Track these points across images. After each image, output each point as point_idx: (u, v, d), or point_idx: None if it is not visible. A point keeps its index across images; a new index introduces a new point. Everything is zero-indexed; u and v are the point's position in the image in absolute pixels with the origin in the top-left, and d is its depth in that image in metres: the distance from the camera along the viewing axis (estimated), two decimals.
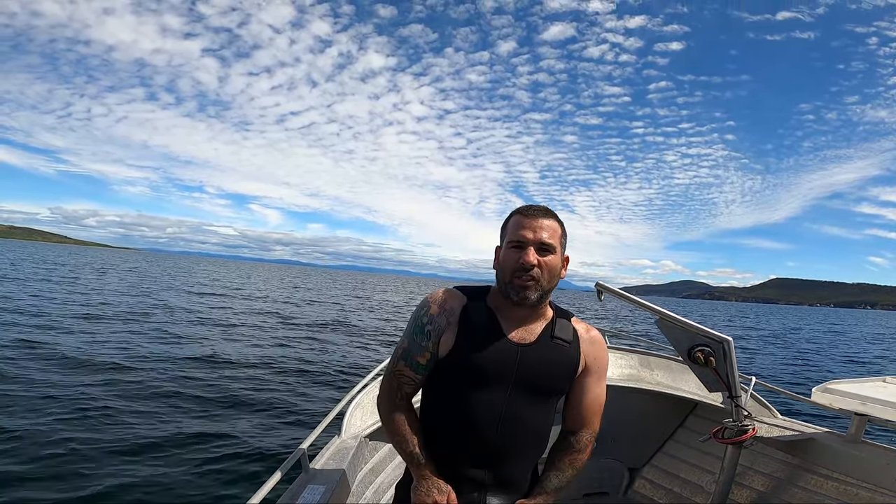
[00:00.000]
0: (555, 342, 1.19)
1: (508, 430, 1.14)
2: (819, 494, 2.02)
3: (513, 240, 1.15)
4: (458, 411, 1.15)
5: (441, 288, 1.24)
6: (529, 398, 1.16)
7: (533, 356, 1.15)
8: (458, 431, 1.16)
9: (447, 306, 1.18)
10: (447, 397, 1.17)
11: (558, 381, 1.21)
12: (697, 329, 1.68)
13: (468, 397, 1.14)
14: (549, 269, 1.14)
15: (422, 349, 1.17)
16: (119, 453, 4.21)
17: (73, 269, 35.61)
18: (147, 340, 9.66)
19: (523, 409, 1.16)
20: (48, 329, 9.83)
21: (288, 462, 1.52)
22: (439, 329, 1.17)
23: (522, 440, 1.17)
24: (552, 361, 1.18)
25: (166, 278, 35.20)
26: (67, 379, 6.32)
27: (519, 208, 1.21)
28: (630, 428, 2.80)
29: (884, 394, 2.05)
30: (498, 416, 1.14)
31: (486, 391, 1.14)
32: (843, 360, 15.19)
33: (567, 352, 1.20)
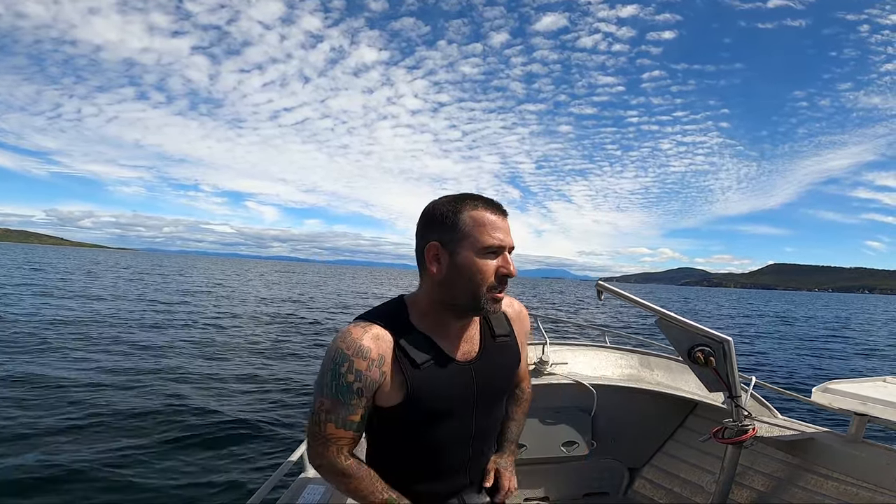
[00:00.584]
0: (498, 341, 1.11)
1: (480, 443, 1.14)
2: (819, 494, 2.02)
3: (489, 245, 0.96)
4: (429, 450, 1.07)
5: (355, 330, 0.99)
6: (492, 406, 1.12)
7: (485, 369, 1.07)
8: (431, 468, 1.10)
9: (374, 356, 0.97)
10: (411, 436, 1.06)
11: (512, 376, 1.18)
12: (697, 329, 1.68)
13: (435, 436, 1.05)
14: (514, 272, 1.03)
15: (352, 408, 0.98)
16: (118, 454, 4.20)
17: (61, 272, 35.59)
18: (144, 339, 9.66)
19: (489, 419, 1.13)
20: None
21: (288, 462, 1.52)
22: (372, 385, 0.98)
23: (492, 441, 1.20)
24: (503, 365, 1.12)
25: (157, 278, 35.20)
26: (76, 376, 6.32)
27: (471, 201, 0.98)
28: (630, 428, 2.80)
29: (884, 394, 2.05)
30: (468, 439, 1.10)
31: (453, 422, 1.06)
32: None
33: (510, 347, 1.14)
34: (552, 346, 2.69)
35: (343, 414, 0.99)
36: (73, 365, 7.16)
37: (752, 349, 15.62)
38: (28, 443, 4.24)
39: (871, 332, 24.65)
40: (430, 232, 1.00)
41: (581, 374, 2.67)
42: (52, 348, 8.14)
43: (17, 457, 3.93)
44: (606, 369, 2.76)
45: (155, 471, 3.94)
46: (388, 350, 0.98)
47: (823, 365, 13.38)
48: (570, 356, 2.73)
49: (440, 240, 0.98)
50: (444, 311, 1.03)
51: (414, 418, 1.03)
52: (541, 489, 2.73)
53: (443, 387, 1.02)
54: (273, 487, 1.39)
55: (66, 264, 46.36)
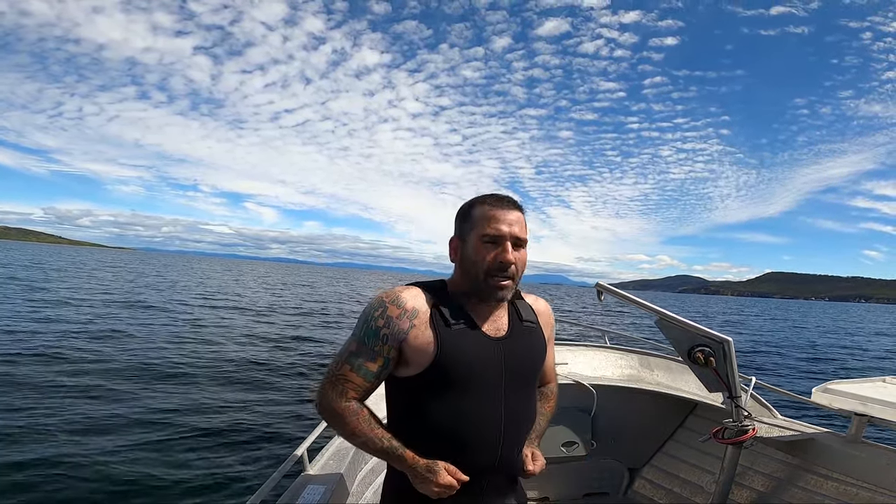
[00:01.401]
0: (525, 326, 1.16)
1: (513, 428, 1.10)
2: (819, 494, 2.02)
3: (487, 234, 1.06)
4: (458, 423, 1.05)
5: (398, 287, 1.09)
6: (522, 390, 1.13)
7: (514, 348, 1.11)
8: (460, 444, 1.06)
9: (409, 307, 1.04)
10: (437, 406, 1.05)
11: (540, 363, 1.20)
12: (697, 329, 1.68)
13: (464, 407, 1.05)
14: (522, 264, 1.10)
15: (374, 354, 1.04)
16: (117, 455, 4.20)
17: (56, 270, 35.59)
18: (141, 339, 9.66)
19: (520, 403, 1.13)
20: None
21: (288, 462, 1.52)
22: (399, 334, 1.03)
23: (525, 431, 1.17)
24: (531, 347, 1.16)
25: (152, 277, 35.20)
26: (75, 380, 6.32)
27: (484, 197, 1.11)
28: (630, 428, 2.80)
29: (884, 394, 2.05)
30: (500, 419, 1.08)
31: (483, 396, 1.06)
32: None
33: (537, 333, 1.20)
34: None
35: (362, 359, 1.04)
36: (62, 367, 7.17)
37: (752, 350, 15.62)
38: (20, 442, 4.25)
39: (869, 338, 24.66)
40: (456, 227, 1.15)
41: (581, 374, 2.67)
42: (44, 352, 8.14)
43: (16, 455, 3.94)
44: (606, 369, 2.77)
45: (154, 471, 3.94)
46: (423, 307, 1.06)
47: (823, 366, 13.38)
48: (570, 356, 2.73)
49: (459, 232, 1.13)
50: (471, 296, 1.11)
51: (443, 380, 1.04)
52: (541, 489, 2.73)
53: (473, 352, 1.06)
54: (273, 487, 1.39)
55: (62, 262, 46.37)
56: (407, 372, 1.07)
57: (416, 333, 1.04)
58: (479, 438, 1.07)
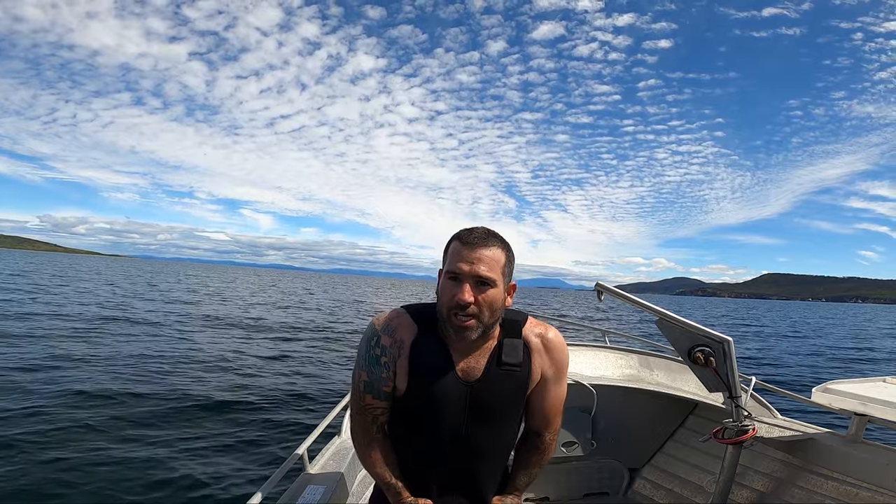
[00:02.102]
0: (503, 370, 1.12)
1: (468, 459, 1.14)
2: (819, 494, 2.02)
3: (449, 270, 1.06)
4: (419, 444, 1.14)
5: (389, 312, 1.15)
6: (486, 428, 1.13)
7: (481, 391, 1.10)
8: (420, 463, 1.15)
9: (397, 336, 1.11)
10: (405, 429, 1.15)
11: (512, 406, 1.16)
12: (697, 329, 1.68)
13: (425, 432, 1.13)
14: (488, 304, 1.04)
15: (383, 380, 1.12)
16: (116, 456, 4.20)
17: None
18: (138, 343, 9.66)
19: (481, 440, 1.13)
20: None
21: (288, 462, 1.52)
22: (393, 360, 1.11)
23: (487, 466, 1.18)
24: (502, 391, 1.12)
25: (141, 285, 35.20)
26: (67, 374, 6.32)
27: (459, 233, 1.09)
28: (630, 428, 2.80)
29: (884, 394, 2.05)
30: (456, 450, 1.13)
31: (441, 426, 1.11)
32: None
33: (517, 377, 1.14)
34: None
35: (377, 385, 1.12)
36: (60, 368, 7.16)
37: (752, 350, 15.62)
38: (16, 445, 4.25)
39: (869, 338, 24.66)
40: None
41: (581, 374, 2.67)
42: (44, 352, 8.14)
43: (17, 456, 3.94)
44: (606, 369, 2.76)
45: (154, 471, 3.94)
46: (408, 337, 1.11)
47: (823, 366, 13.38)
48: (570, 356, 2.72)
49: (443, 263, 1.12)
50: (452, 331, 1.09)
51: (406, 413, 1.14)
52: (541, 489, 2.73)
53: (437, 389, 1.09)
54: (273, 487, 1.39)
55: (47, 271, 46.37)
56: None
57: (401, 363, 1.11)
58: (438, 459, 1.14)
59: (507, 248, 1.10)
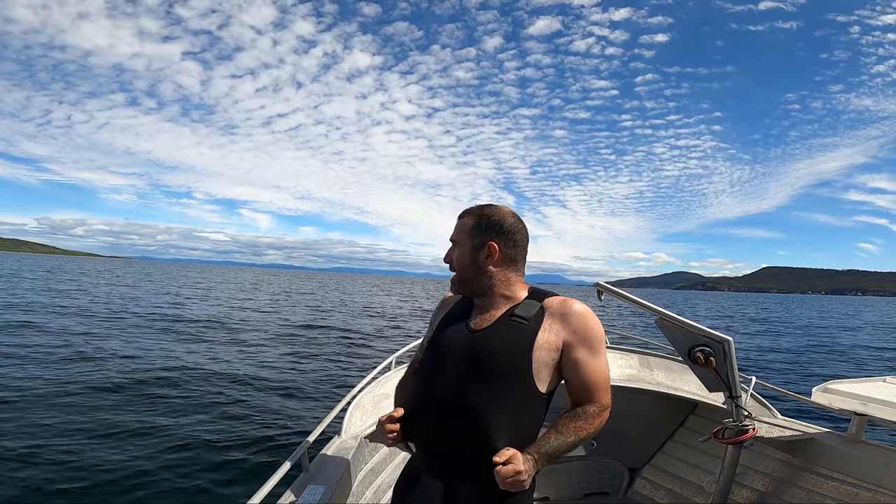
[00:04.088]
0: (511, 321, 1.17)
1: (458, 415, 1.13)
2: (819, 494, 2.02)
3: (453, 239, 1.32)
4: (420, 392, 1.25)
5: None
6: (479, 379, 1.13)
7: (484, 338, 1.18)
8: (418, 411, 1.22)
9: (445, 303, 1.40)
10: (416, 387, 1.29)
11: (511, 359, 1.14)
12: (697, 329, 1.68)
13: (426, 379, 1.25)
14: (456, 260, 1.27)
15: (426, 338, 1.41)
16: (115, 456, 4.20)
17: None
18: (138, 338, 9.66)
19: (472, 391, 1.12)
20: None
21: (288, 462, 1.52)
22: (434, 321, 1.39)
23: (478, 425, 1.11)
24: (502, 341, 1.15)
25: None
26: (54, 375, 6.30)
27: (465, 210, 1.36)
28: (630, 428, 2.80)
29: (884, 394, 2.05)
30: (433, 403, 1.18)
31: (439, 374, 1.20)
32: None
33: (522, 329, 1.16)
34: None
35: (424, 341, 1.44)
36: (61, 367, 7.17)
37: (752, 350, 15.62)
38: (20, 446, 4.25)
39: (870, 332, 24.65)
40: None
41: None
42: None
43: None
44: None
45: (154, 472, 3.94)
46: (448, 307, 1.37)
47: (823, 365, 13.38)
48: None
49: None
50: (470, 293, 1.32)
51: (422, 366, 1.31)
52: (541, 489, 2.73)
53: (446, 342, 1.25)
54: (273, 487, 1.39)
55: (39, 272, 46.28)
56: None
57: (434, 321, 1.38)
58: (420, 422, 1.21)
59: (479, 215, 1.26)
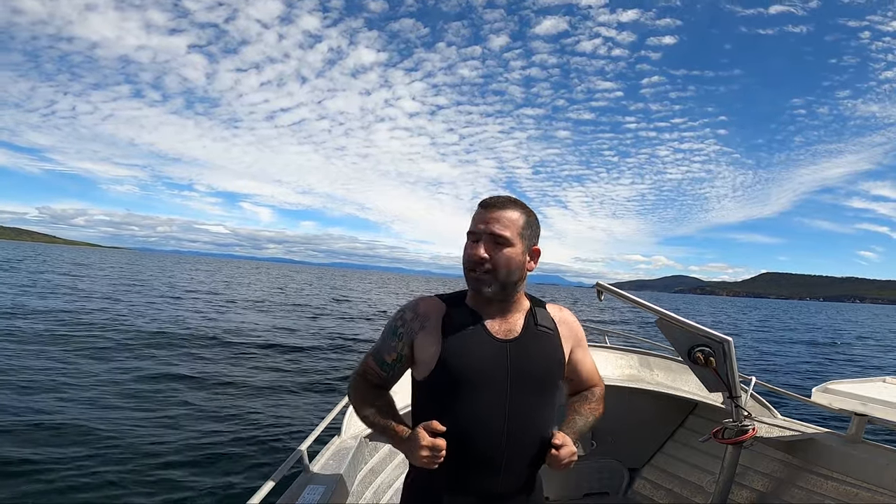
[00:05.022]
0: (539, 330, 1.16)
1: (515, 429, 1.09)
2: (819, 494, 2.02)
3: (469, 230, 1.14)
4: (461, 418, 1.08)
5: (419, 296, 1.21)
6: (529, 393, 1.11)
7: (522, 349, 1.12)
8: (463, 440, 1.07)
9: (420, 311, 1.16)
10: (446, 406, 1.09)
11: (552, 369, 1.16)
12: (697, 329, 1.68)
13: (468, 403, 1.08)
14: (504, 262, 1.08)
15: (391, 349, 1.17)
16: (114, 456, 4.21)
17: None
18: (138, 339, 9.66)
19: (525, 407, 1.10)
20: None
21: (288, 462, 1.52)
22: (411, 332, 1.14)
23: (531, 439, 1.12)
24: (542, 350, 1.15)
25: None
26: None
27: (483, 199, 1.16)
28: (630, 428, 2.81)
29: (884, 394, 2.05)
30: (502, 417, 1.08)
31: (484, 393, 1.08)
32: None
33: (552, 339, 1.18)
34: None
35: (382, 352, 1.19)
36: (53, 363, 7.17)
37: (752, 350, 15.62)
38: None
39: (869, 333, 24.66)
40: None
41: None
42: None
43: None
44: (606, 369, 2.76)
45: (154, 472, 3.94)
46: (435, 313, 1.15)
47: (823, 366, 13.38)
48: None
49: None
50: (487, 303, 1.16)
51: (447, 381, 1.09)
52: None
53: (476, 353, 1.10)
54: (273, 487, 1.39)
55: (33, 263, 46.33)
56: (418, 374, 1.17)
57: (424, 335, 1.14)
58: (483, 441, 1.08)
59: (528, 212, 1.15)
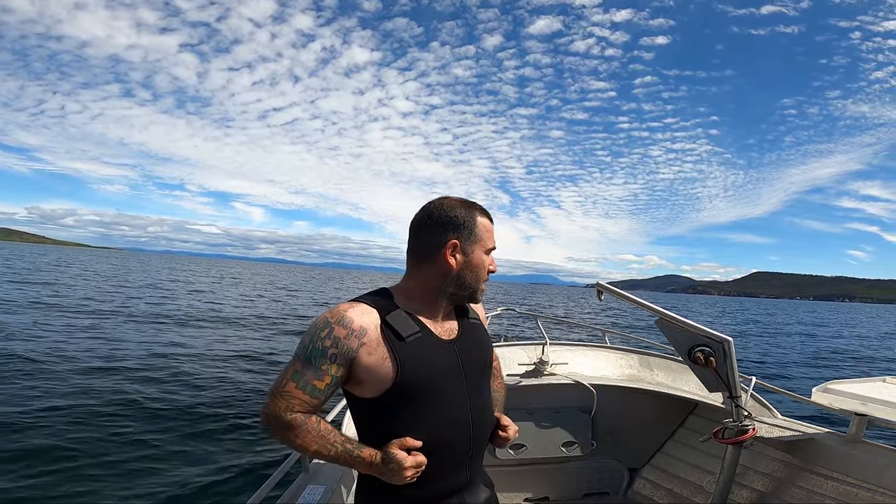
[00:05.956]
0: (471, 322, 1.24)
1: (477, 419, 1.15)
2: (819, 494, 2.02)
3: (491, 247, 1.17)
4: (435, 426, 1.08)
5: (342, 305, 1.07)
6: (478, 383, 1.19)
7: (465, 344, 1.17)
8: (438, 446, 1.09)
9: (356, 326, 1.03)
10: (411, 419, 1.07)
11: (489, 356, 1.25)
12: (697, 329, 1.68)
13: (437, 410, 1.09)
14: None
15: (321, 373, 1.02)
16: (114, 456, 4.20)
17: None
18: (138, 342, 9.66)
19: (479, 397, 1.18)
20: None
21: (288, 462, 1.53)
22: (348, 353, 1.02)
23: (487, 426, 1.21)
24: (479, 341, 1.23)
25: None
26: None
27: (482, 208, 1.18)
28: (630, 428, 2.81)
29: (884, 394, 2.05)
30: (467, 418, 1.12)
31: (449, 397, 1.11)
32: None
33: (481, 327, 1.27)
34: (552, 347, 2.69)
35: (308, 376, 1.03)
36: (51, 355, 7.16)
37: (752, 350, 15.62)
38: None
39: (861, 336, 24.66)
40: (448, 231, 1.12)
41: (581, 374, 2.67)
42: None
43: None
44: (606, 369, 2.76)
45: (154, 472, 3.94)
46: (371, 324, 1.05)
47: (823, 366, 13.38)
48: (570, 356, 2.73)
49: (458, 239, 1.12)
50: (441, 298, 1.15)
51: (411, 394, 1.06)
52: (541, 489, 2.73)
53: (431, 361, 1.09)
54: (273, 487, 1.39)
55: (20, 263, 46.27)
56: (365, 392, 1.07)
57: (368, 351, 1.03)
58: (454, 441, 1.12)
59: None
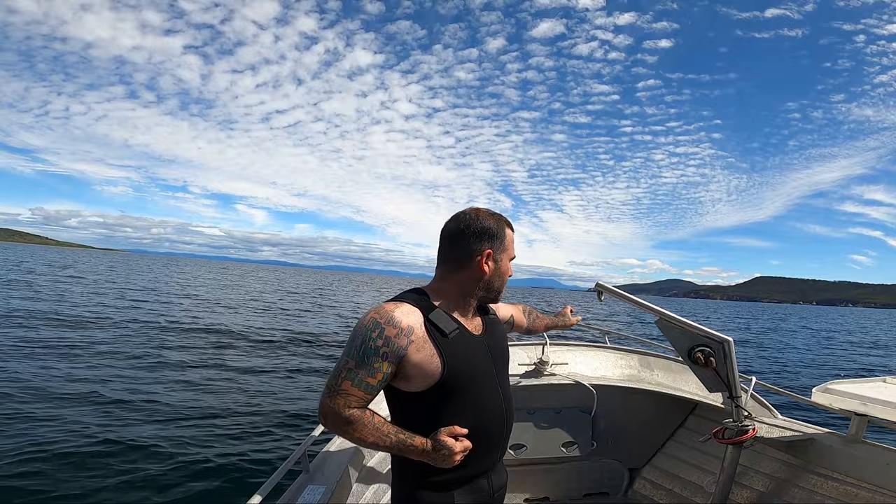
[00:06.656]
0: (491, 318, 1.36)
1: (508, 406, 1.28)
2: (819, 494, 2.02)
3: (513, 256, 1.32)
4: (479, 415, 1.20)
5: (387, 305, 1.16)
6: (504, 372, 1.32)
7: (491, 339, 1.30)
8: (481, 433, 1.20)
9: (405, 325, 1.12)
10: (456, 409, 1.16)
11: (508, 346, 1.39)
12: (697, 329, 1.68)
13: (478, 401, 1.20)
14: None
15: (373, 371, 1.10)
16: (114, 456, 4.21)
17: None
18: (136, 342, 9.66)
19: (506, 385, 1.31)
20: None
21: (288, 462, 1.53)
22: (399, 351, 1.10)
23: (514, 410, 1.34)
24: (500, 334, 1.37)
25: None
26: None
27: (508, 220, 1.32)
28: (630, 428, 2.81)
29: (884, 394, 2.05)
30: (502, 407, 1.25)
31: (487, 388, 1.23)
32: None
33: (498, 322, 1.41)
34: (552, 347, 2.69)
35: (362, 374, 1.10)
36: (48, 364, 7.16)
37: (752, 350, 15.63)
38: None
39: (868, 335, 24.67)
40: (483, 241, 1.24)
41: (581, 374, 2.67)
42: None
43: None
44: (606, 369, 2.76)
45: (154, 470, 3.94)
46: (417, 322, 1.14)
47: (822, 366, 13.38)
48: (570, 356, 2.73)
49: (492, 248, 1.24)
50: (472, 299, 1.27)
51: (456, 387, 1.16)
52: (541, 489, 2.73)
53: (470, 355, 1.20)
54: (273, 487, 1.39)
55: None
56: (412, 387, 1.15)
57: (416, 349, 1.12)
58: (491, 427, 1.23)
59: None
